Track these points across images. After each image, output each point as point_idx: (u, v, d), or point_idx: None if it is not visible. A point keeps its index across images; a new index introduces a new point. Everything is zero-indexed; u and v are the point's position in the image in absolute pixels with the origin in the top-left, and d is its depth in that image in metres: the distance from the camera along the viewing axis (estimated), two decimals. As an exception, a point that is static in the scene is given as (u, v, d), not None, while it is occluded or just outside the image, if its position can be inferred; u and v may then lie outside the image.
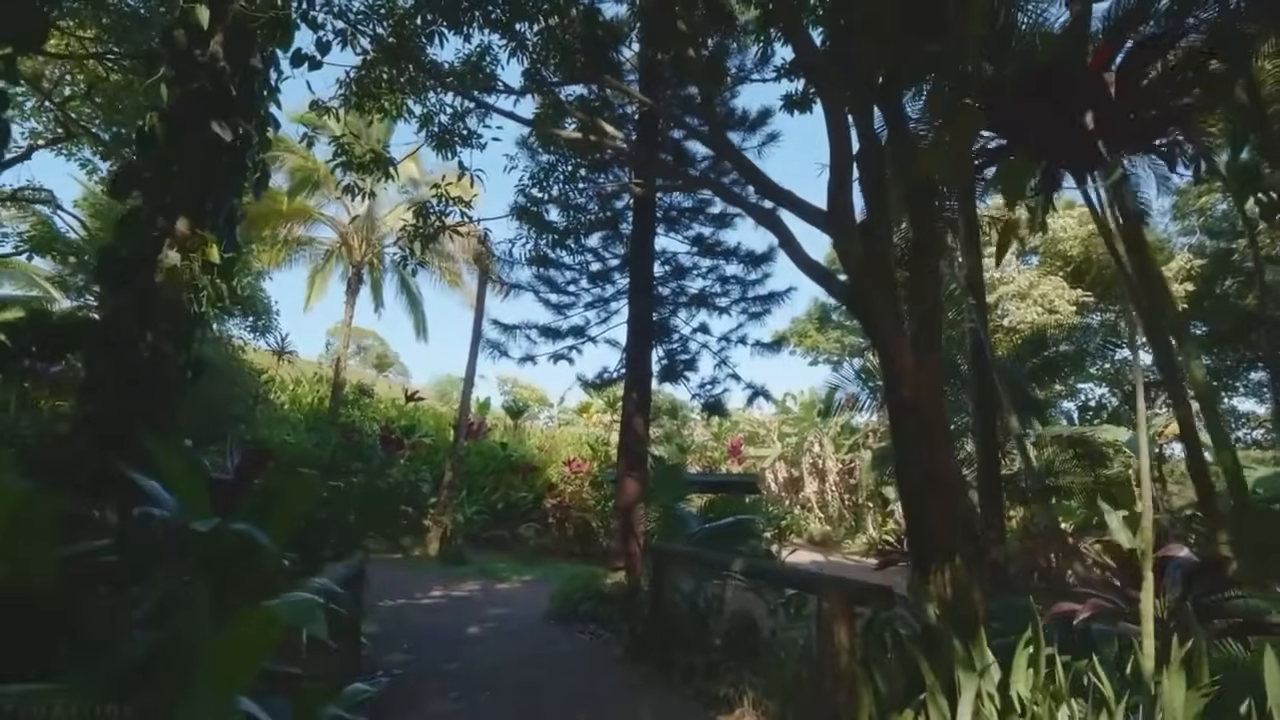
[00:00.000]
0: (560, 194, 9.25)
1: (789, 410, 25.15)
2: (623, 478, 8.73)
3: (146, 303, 5.22)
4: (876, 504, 21.77)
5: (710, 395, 10.25)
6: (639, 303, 9.41)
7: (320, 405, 16.04)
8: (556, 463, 17.06)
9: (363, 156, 6.62)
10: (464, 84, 7.04)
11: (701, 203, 10.27)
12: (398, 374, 40.25)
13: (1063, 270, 18.19)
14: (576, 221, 9.54)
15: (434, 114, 7.72)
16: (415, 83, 7.40)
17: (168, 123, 5.55)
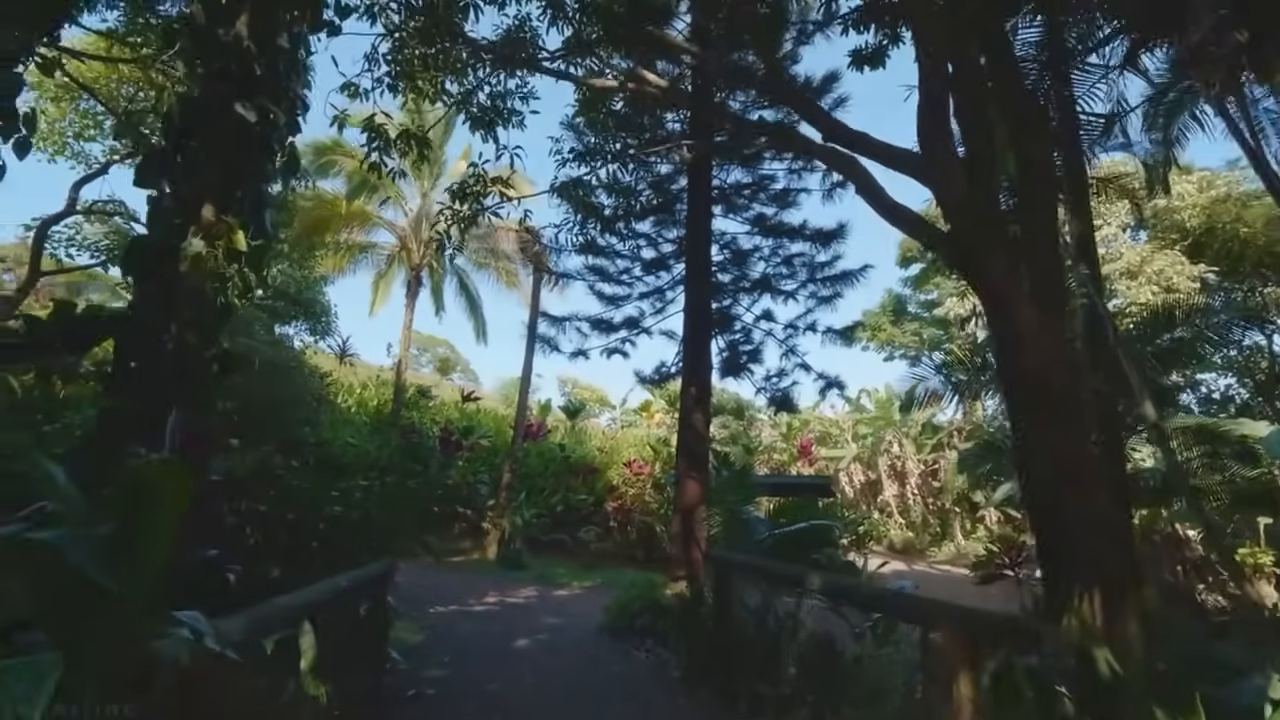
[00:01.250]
0: (609, 176, 8.64)
1: (864, 409, 23.65)
2: (682, 479, 8.02)
3: (171, 293, 4.96)
4: (965, 509, 20.03)
5: (777, 388, 9.38)
6: (696, 290, 8.69)
7: (384, 408, 16.16)
8: (617, 464, 16.51)
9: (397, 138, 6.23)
10: (504, 54, 6.54)
11: (762, 179, 9.44)
12: (467, 379, 41.10)
13: (1179, 243, 16.06)
14: (627, 205, 8.92)
15: (472, 94, 7.30)
16: (450, 59, 7.00)
17: (190, 105, 5.34)
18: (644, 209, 9.05)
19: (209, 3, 5.34)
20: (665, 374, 10.06)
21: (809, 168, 9.17)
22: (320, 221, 14.11)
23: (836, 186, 9.07)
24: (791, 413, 10.06)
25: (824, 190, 9.05)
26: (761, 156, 9.55)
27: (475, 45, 6.29)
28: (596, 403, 27.64)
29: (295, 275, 12.70)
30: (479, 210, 6.85)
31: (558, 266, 8.84)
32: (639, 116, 8.19)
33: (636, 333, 9.43)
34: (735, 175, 9.47)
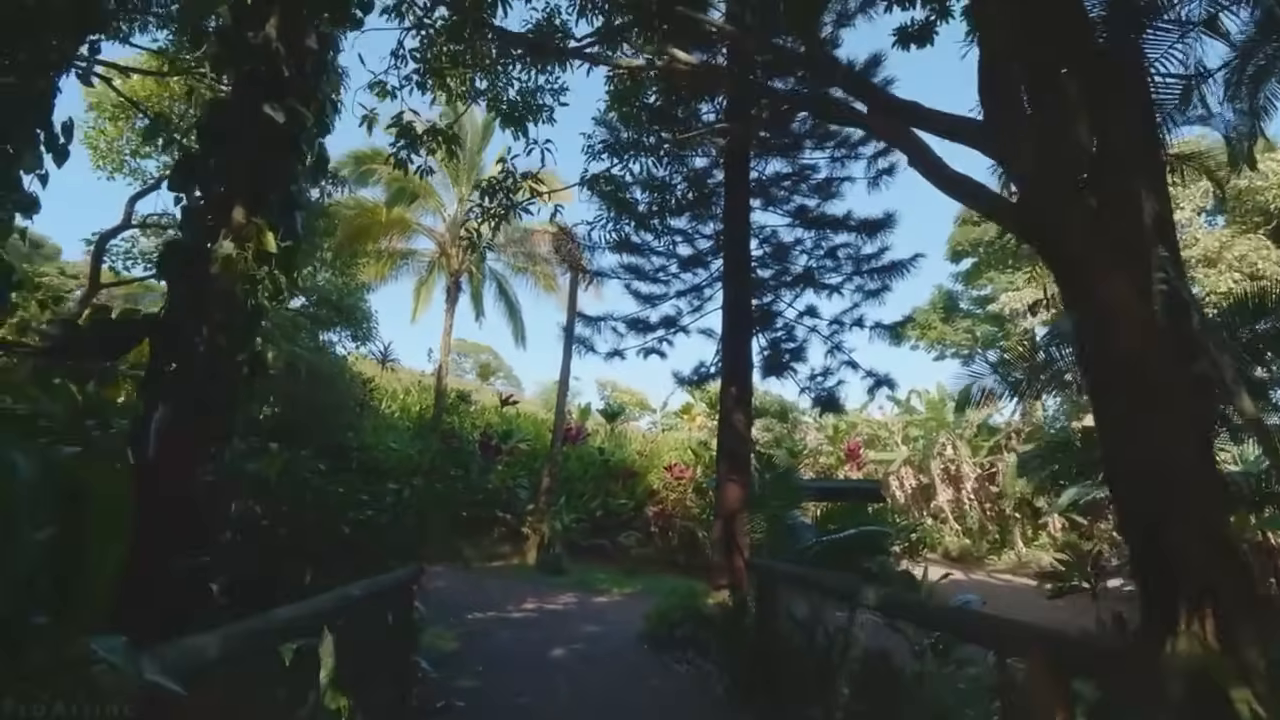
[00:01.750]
0: (643, 171, 8.39)
1: (914, 410, 22.72)
2: (723, 482, 7.68)
3: (202, 295, 4.95)
4: (1026, 515, 18.96)
5: (821, 388, 8.94)
6: (735, 286, 8.35)
7: (426, 413, 16.30)
8: (657, 468, 16.22)
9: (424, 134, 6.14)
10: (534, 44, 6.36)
11: (803, 169, 9.04)
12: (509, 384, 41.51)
13: (1263, 227, 14.82)
14: (662, 201, 8.65)
15: (502, 90, 7.17)
16: (479, 54, 6.89)
17: (221, 109, 5.35)
18: (680, 204, 8.76)
19: (237, 6, 5.35)
20: (704, 374, 9.72)
21: (853, 155, 8.73)
22: (361, 229, 14.35)
23: (883, 174, 8.62)
24: (837, 414, 9.59)
25: (869, 179, 8.62)
26: (802, 146, 9.16)
27: (506, 36, 6.12)
28: (636, 406, 27.40)
29: (337, 283, 12.91)
30: (510, 207, 6.71)
31: (592, 265, 8.63)
32: (673, 108, 7.92)
33: (674, 332, 9.14)
34: (774, 166, 9.11)
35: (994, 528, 19.46)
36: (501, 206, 6.60)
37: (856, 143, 8.80)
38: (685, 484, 14.89)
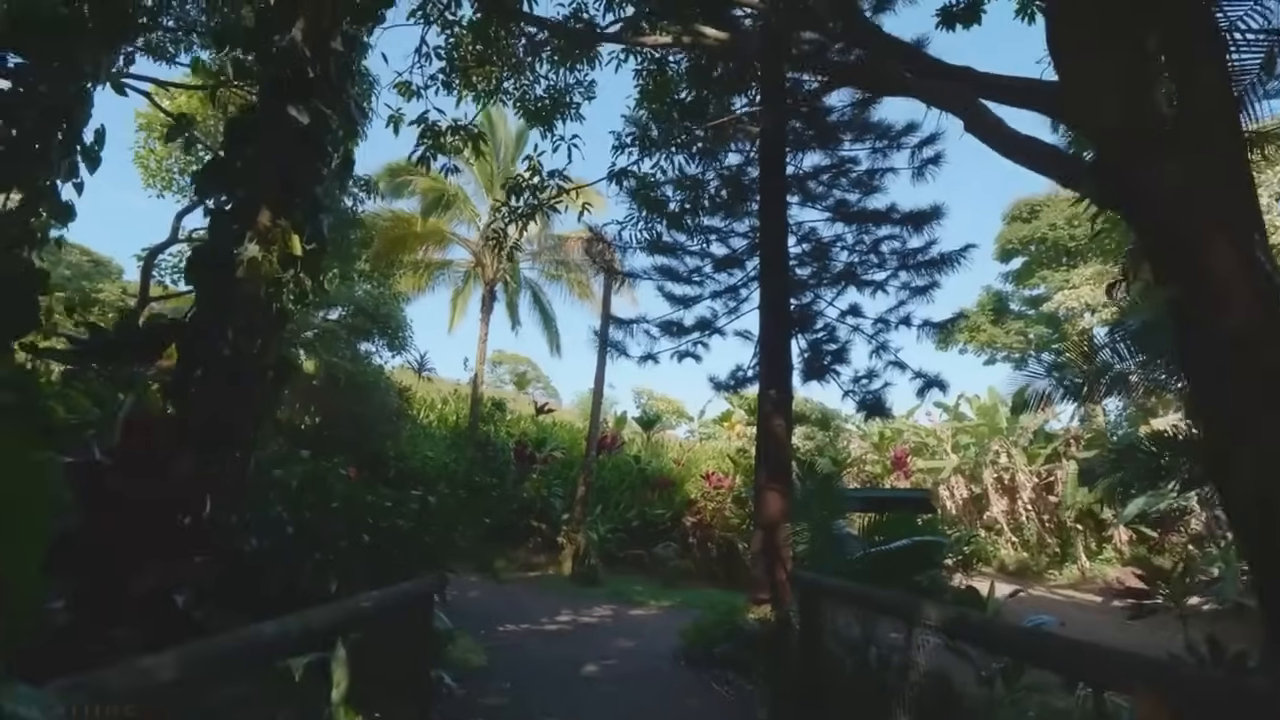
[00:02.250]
0: (674, 169, 8.16)
1: (963, 416, 21.77)
2: (762, 490, 7.31)
3: (226, 300, 4.90)
4: (1089, 527, 17.84)
5: (867, 391, 8.48)
6: (772, 286, 8.00)
7: (463, 423, 16.33)
8: (695, 477, 15.86)
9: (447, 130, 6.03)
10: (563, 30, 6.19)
11: (842, 161, 8.64)
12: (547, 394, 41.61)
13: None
14: (695, 199, 8.38)
15: (529, 88, 7.05)
16: (506, 53, 6.78)
17: (248, 114, 5.35)
18: (713, 202, 8.48)
19: (264, 10, 5.35)
20: (742, 378, 9.35)
21: (895, 145, 8.30)
22: (397, 240, 14.52)
23: (928, 164, 8.16)
24: (883, 418, 9.09)
25: (913, 169, 8.16)
26: (839, 138, 8.78)
27: (536, 21, 5.94)
28: (673, 414, 27.02)
29: (374, 293, 13.05)
30: (537, 206, 6.55)
31: (624, 266, 8.40)
32: (704, 103, 7.66)
33: (709, 334, 8.83)
34: (812, 160, 8.73)
35: (1053, 540, 18.36)
36: (528, 206, 6.44)
37: (899, 133, 8.37)
38: (724, 493, 14.47)
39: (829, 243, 8.78)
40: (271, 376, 5.12)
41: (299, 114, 5.25)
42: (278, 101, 5.22)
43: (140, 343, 4.80)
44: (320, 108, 5.44)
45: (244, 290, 4.96)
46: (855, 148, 8.77)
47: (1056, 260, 21.25)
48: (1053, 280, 20.76)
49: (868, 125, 8.55)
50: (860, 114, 8.49)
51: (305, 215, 5.40)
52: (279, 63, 5.37)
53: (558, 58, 7.32)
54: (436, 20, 6.01)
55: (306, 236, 5.36)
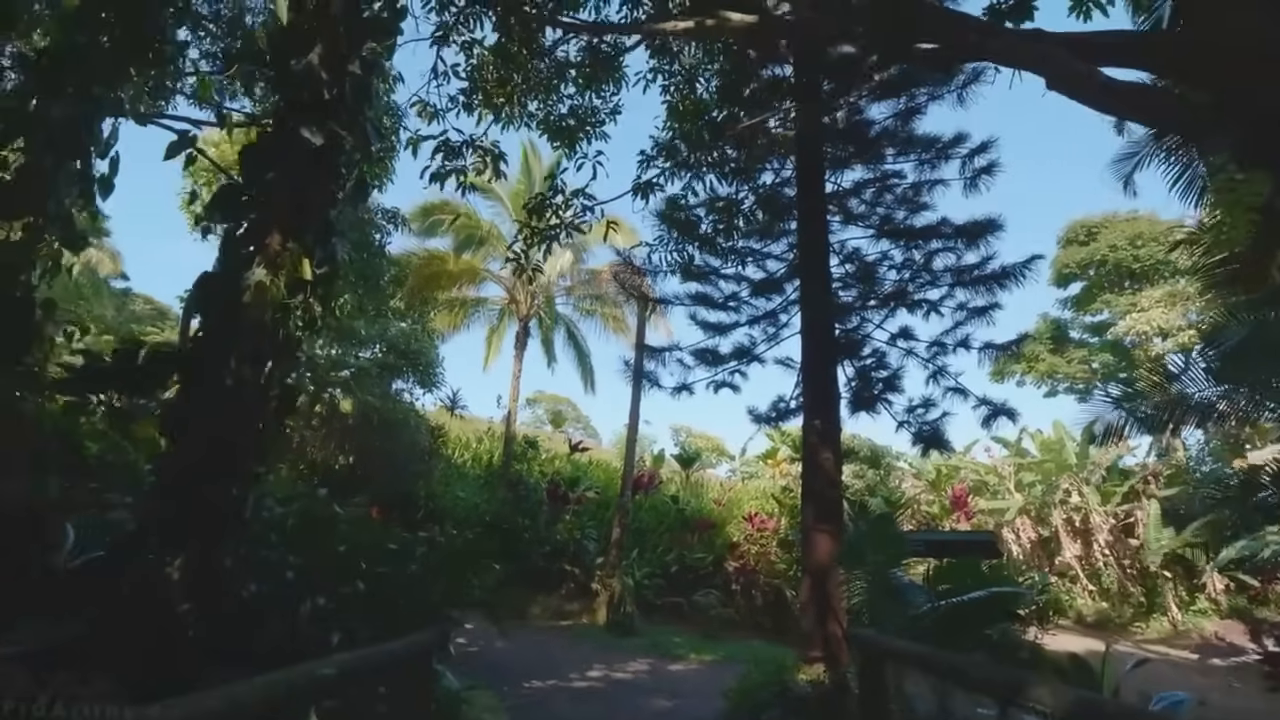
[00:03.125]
0: (706, 189, 7.78)
1: (1025, 452, 20.33)
2: (810, 533, 6.61)
3: (232, 326, 4.64)
4: (1177, 574, 16.14)
5: (923, 422, 7.74)
6: (814, 308, 7.44)
7: (498, 462, 15.98)
8: (737, 519, 15.01)
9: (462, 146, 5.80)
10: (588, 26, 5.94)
11: (885, 176, 8.11)
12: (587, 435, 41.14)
13: None
14: (729, 221, 7.96)
15: (553, 109, 6.82)
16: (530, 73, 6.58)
17: (265, 139, 5.21)
18: (748, 223, 8.03)
19: (281, 33, 5.26)
20: (784, 410, 8.72)
21: (946, 155, 7.75)
22: (431, 278, 14.54)
23: (981, 174, 7.57)
24: (942, 451, 8.26)
25: (965, 179, 7.58)
26: (881, 153, 8.28)
27: (556, 22, 5.70)
28: (713, 452, 26.12)
29: (406, 330, 12.99)
30: (560, 226, 6.22)
31: (655, 292, 7.97)
32: (735, 118, 7.31)
33: (747, 362, 8.28)
34: (852, 176, 8.24)
35: (1137, 589, 16.67)
36: (551, 226, 6.12)
37: (947, 144, 7.83)
38: (769, 536, 13.59)
39: (875, 262, 8.20)
40: (276, 406, 4.80)
41: (312, 135, 5.07)
42: (292, 122, 5.08)
43: (140, 372, 4.57)
44: (335, 129, 5.26)
45: (249, 316, 4.70)
46: (899, 162, 8.27)
47: (1119, 283, 19.95)
48: (1117, 304, 19.45)
49: (912, 138, 8.04)
50: (903, 125, 8.00)
51: (317, 238, 5.17)
52: (294, 85, 5.24)
53: (582, 80, 7.12)
54: (457, 40, 5.85)
55: (318, 260, 5.11)
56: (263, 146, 5.33)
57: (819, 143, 7.60)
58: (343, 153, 5.36)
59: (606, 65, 7.15)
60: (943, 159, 7.95)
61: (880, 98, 8.01)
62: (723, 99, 7.68)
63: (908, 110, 7.88)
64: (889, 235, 7.96)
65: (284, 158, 5.12)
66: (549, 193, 6.20)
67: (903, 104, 7.93)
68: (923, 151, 8.05)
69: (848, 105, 7.52)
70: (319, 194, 5.22)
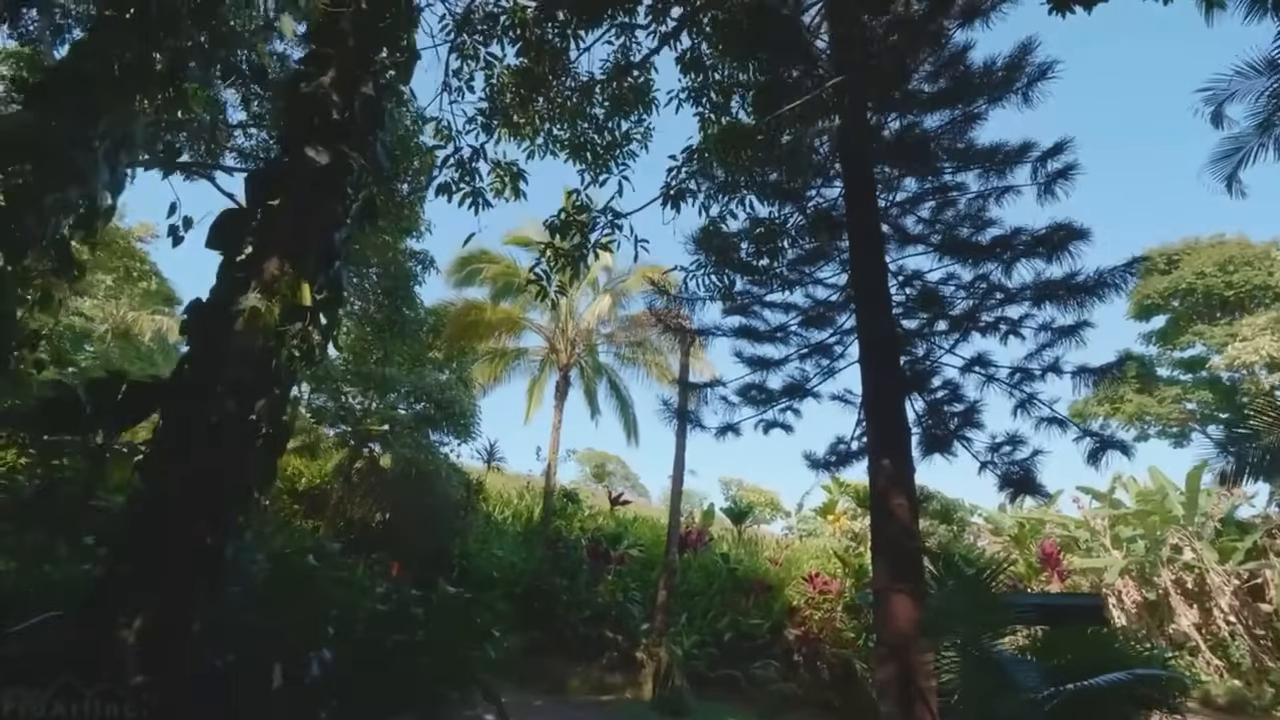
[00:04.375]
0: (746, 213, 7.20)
1: (1118, 503, 18.24)
2: (885, 595, 5.56)
3: (220, 356, 4.21)
4: (1330, 646, 13.72)
5: (1010, 462, 6.67)
6: (873, 334, 6.61)
7: (537, 517, 15.24)
8: (796, 580, 13.68)
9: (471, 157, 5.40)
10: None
11: (944, 189, 7.35)
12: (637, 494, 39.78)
13: None
14: (771, 244, 7.30)
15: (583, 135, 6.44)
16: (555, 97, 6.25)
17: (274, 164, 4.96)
18: (794, 243, 7.36)
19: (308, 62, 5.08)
20: (844, 453, 7.79)
21: (1014, 162, 6.96)
22: (469, 327, 14.33)
23: (1057, 179, 6.73)
24: (1034, 496, 7.07)
25: (1039, 185, 6.75)
26: (938, 165, 7.55)
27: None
28: (767, 507, 24.56)
29: (440, 379, 12.67)
30: (586, 248, 5.69)
31: (695, 323, 7.28)
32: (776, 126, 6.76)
33: (800, 398, 7.43)
34: (907, 190, 7.50)
35: (1277, 664, 14.21)
36: (577, 247, 5.59)
37: (1014, 152, 7.04)
38: (833, 600, 12.24)
39: (939, 283, 7.34)
40: (265, 444, 4.29)
41: (317, 154, 4.76)
42: (296, 142, 4.80)
43: (119, 407, 4.15)
44: (343, 149, 4.95)
45: (240, 345, 4.26)
46: (959, 174, 7.51)
47: (1211, 313, 18.12)
48: (1212, 336, 17.59)
49: (972, 149, 7.30)
50: (961, 134, 7.29)
51: (319, 263, 4.77)
52: (304, 108, 5.00)
53: (609, 104, 6.76)
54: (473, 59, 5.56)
55: (319, 286, 4.69)
56: (269, 171, 5.07)
57: (868, 154, 6.95)
58: (350, 173, 5.04)
59: (636, 90, 6.81)
60: (1009, 168, 7.17)
61: (934, 108, 7.38)
62: (759, 112, 7.19)
63: (965, 117, 7.19)
64: (955, 252, 7.12)
65: (287, 180, 4.83)
66: (573, 210, 5.71)
67: (959, 112, 7.27)
68: (986, 162, 7.29)
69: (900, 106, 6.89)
70: (323, 215, 4.86)
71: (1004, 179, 6.92)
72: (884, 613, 5.39)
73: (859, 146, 7.09)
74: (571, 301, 15.69)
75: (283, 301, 4.45)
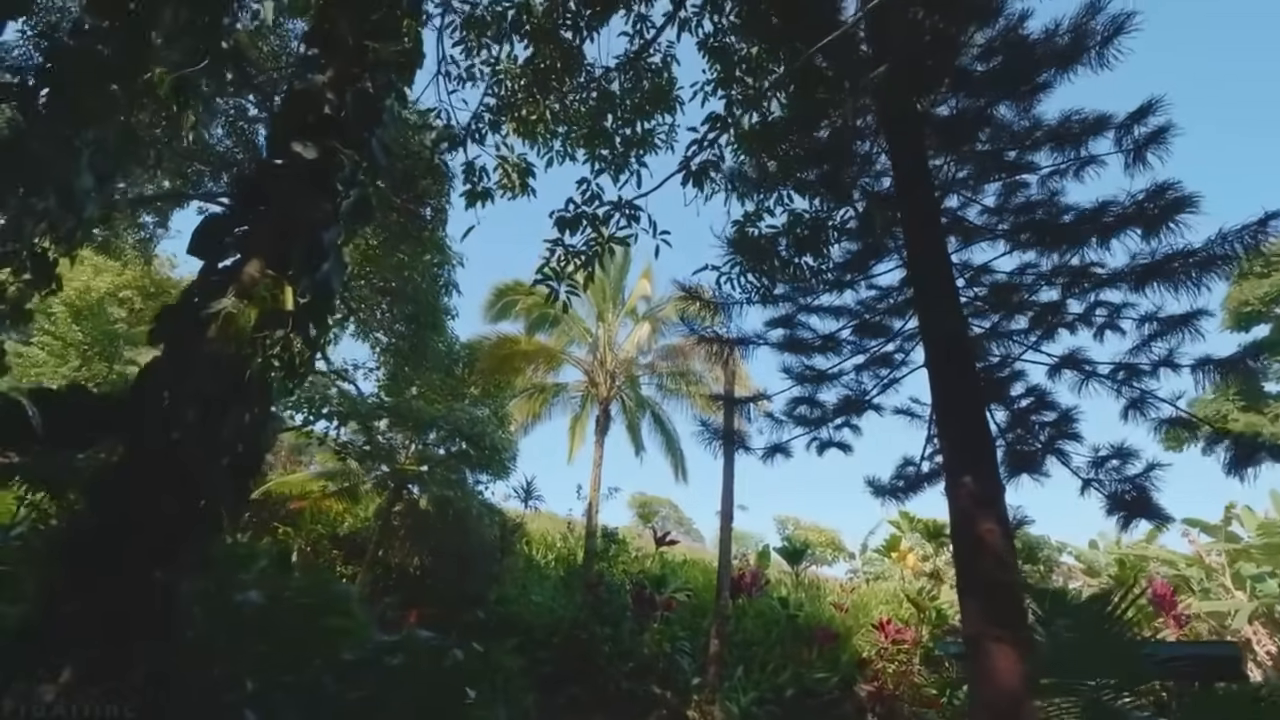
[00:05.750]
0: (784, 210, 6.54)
1: (1235, 536, 16.06)
2: (978, 641, 4.51)
3: (187, 367, 3.75)
4: None
5: (1121, 480, 5.57)
6: (940, 332, 5.73)
7: (578, 560, 14.41)
8: (865, 627, 12.31)
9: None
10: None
11: (1011, 167, 6.48)
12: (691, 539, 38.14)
13: None
14: (815, 243, 6.57)
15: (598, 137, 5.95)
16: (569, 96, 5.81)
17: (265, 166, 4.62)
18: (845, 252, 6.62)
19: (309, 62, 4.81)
20: (914, 476, 6.80)
21: (1096, 130, 6.06)
22: (504, 359, 13.96)
23: (1149, 143, 5.78)
24: (1152, 520, 5.86)
25: (1126, 152, 5.82)
26: (1003, 150, 6.72)
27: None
28: (827, 547, 22.83)
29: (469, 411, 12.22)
30: (601, 244, 5.09)
31: (732, 331, 6.52)
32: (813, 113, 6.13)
33: (860, 413, 6.53)
34: (968, 174, 6.67)
35: None
36: (590, 240, 5.01)
37: (1091, 124, 6.15)
38: (909, 650, 10.86)
39: (1013, 275, 6.41)
40: (236, 465, 3.75)
41: (304, 149, 4.39)
42: (282, 137, 4.45)
43: (67, 422, 3.72)
44: (334, 145, 4.57)
45: (210, 353, 3.79)
46: (1027, 154, 6.64)
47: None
48: (1331, 343, 15.55)
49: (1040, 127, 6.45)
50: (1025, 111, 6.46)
51: (304, 264, 4.33)
52: (297, 105, 4.67)
53: (631, 108, 6.29)
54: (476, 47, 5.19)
55: (303, 289, 4.23)
56: (256, 172, 4.74)
57: (918, 138, 6.21)
58: (341, 170, 4.64)
59: (658, 91, 6.34)
60: (1086, 141, 6.27)
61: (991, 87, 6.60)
62: (794, 104, 6.60)
63: (1030, 89, 6.37)
64: (1031, 238, 6.20)
65: (273, 179, 4.47)
66: (583, 202, 5.15)
67: (1021, 88, 6.47)
68: (1057, 141, 6.42)
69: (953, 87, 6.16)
70: (310, 214, 4.44)
71: (1081, 151, 6.00)
72: (981, 665, 4.35)
73: (909, 133, 6.38)
74: (610, 332, 15.18)
75: (261, 305, 4.01)
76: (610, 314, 15.81)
